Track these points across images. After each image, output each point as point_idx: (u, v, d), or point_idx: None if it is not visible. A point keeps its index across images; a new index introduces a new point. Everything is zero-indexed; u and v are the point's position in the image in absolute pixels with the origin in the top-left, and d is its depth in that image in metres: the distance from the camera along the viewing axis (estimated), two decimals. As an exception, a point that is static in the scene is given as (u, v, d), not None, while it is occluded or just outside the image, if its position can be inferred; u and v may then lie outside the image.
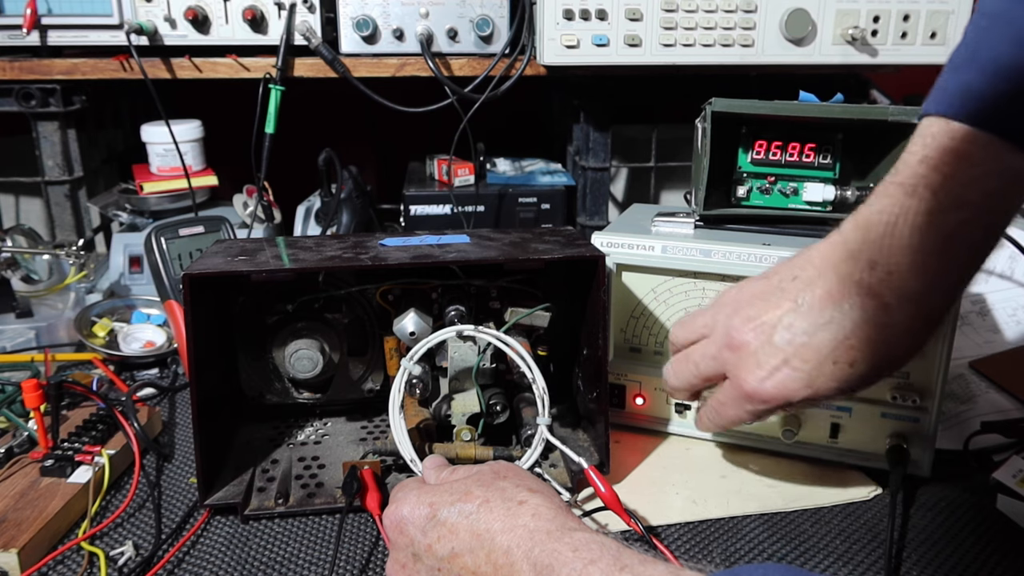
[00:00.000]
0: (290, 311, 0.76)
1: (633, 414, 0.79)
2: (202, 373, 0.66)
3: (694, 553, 0.62)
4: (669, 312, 0.76)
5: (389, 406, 0.67)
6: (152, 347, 0.94)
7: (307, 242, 0.75)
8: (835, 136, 0.76)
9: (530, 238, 0.75)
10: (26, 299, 1.01)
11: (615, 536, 0.53)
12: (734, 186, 0.78)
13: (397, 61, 1.09)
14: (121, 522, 0.65)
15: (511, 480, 0.54)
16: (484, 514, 0.50)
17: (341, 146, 1.13)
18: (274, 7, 1.07)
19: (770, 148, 0.77)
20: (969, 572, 0.59)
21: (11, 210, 1.40)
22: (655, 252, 0.74)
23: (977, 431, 0.75)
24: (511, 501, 0.51)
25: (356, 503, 0.65)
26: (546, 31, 1.01)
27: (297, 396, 0.80)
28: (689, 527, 0.65)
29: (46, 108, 1.10)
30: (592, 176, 1.16)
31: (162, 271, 0.90)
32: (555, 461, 0.72)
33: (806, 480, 0.71)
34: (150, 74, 1.05)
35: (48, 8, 1.04)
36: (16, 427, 0.73)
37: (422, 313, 0.71)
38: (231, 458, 0.72)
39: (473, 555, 0.49)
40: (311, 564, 0.61)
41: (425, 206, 1.13)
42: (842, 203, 0.78)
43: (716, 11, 1.00)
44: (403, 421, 0.67)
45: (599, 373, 0.69)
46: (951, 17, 1.02)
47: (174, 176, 1.15)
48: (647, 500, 0.68)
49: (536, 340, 0.74)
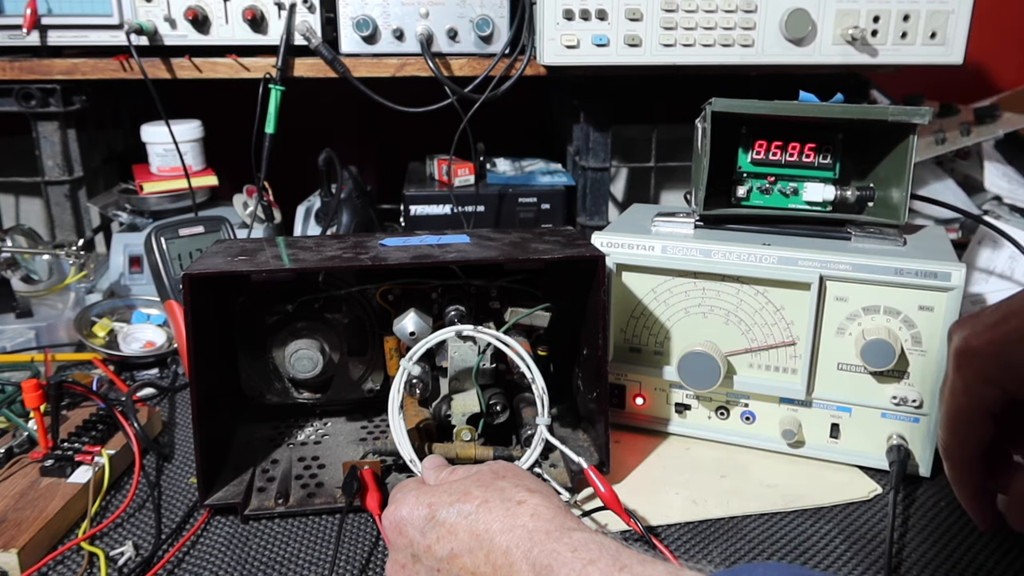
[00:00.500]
0: (290, 311, 0.76)
1: (633, 414, 0.80)
2: (202, 373, 0.66)
3: (694, 553, 0.62)
4: (669, 312, 0.76)
5: (389, 406, 0.67)
6: (152, 347, 0.94)
7: (307, 242, 0.75)
8: (835, 136, 0.76)
9: (530, 238, 0.75)
10: (26, 299, 1.01)
11: (615, 536, 0.53)
12: (734, 186, 0.78)
13: (397, 61, 1.09)
14: (121, 522, 0.65)
15: (510, 480, 0.54)
16: (483, 514, 0.50)
17: (341, 146, 1.13)
18: (274, 7, 1.07)
19: (770, 148, 0.77)
20: (969, 572, 0.59)
21: (11, 210, 1.40)
22: (655, 252, 0.74)
23: (977, 431, 0.75)
24: (510, 501, 0.51)
25: (356, 503, 0.65)
26: (546, 31, 1.01)
27: (297, 396, 0.80)
28: (689, 527, 0.65)
29: (46, 108, 1.10)
30: (592, 176, 1.16)
31: (162, 271, 0.90)
32: (555, 461, 0.72)
33: (806, 480, 0.71)
34: (150, 74, 1.05)
35: (48, 8, 1.04)
36: (16, 427, 0.73)
37: (422, 313, 0.71)
38: (231, 458, 0.72)
39: (472, 555, 0.49)
40: (311, 564, 0.61)
41: (425, 206, 1.13)
42: (842, 203, 0.78)
43: (716, 11, 1.00)
44: (403, 421, 0.67)
45: (599, 373, 0.69)
46: (951, 17, 1.02)
47: (174, 176, 1.15)
48: (647, 500, 0.68)
49: (536, 340, 0.74)
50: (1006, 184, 1.25)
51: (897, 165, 0.75)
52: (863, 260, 0.68)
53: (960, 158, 1.33)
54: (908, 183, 0.74)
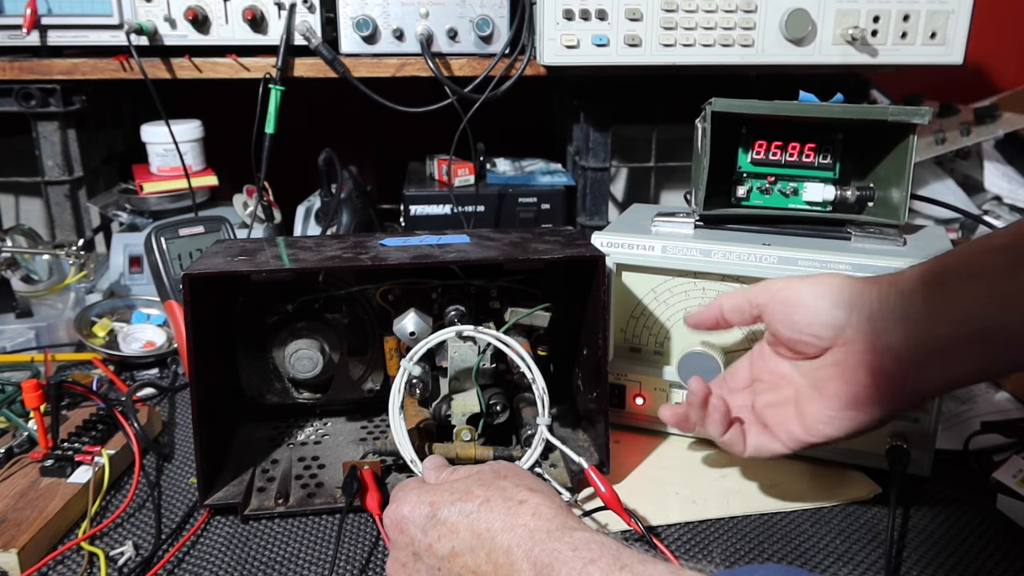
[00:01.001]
0: (290, 311, 0.76)
1: (633, 414, 0.79)
2: (202, 373, 0.66)
3: (694, 553, 0.62)
4: (669, 312, 0.76)
5: (389, 406, 0.67)
6: (152, 347, 0.94)
7: (307, 242, 0.75)
8: (835, 136, 0.76)
9: (530, 238, 0.75)
10: (26, 299, 1.01)
11: (615, 536, 0.53)
12: (734, 186, 0.78)
13: (397, 61, 1.09)
14: (121, 522, 0.65)
15: (511, 480, 0.54)
16: (484, 513, 0.50)
17: (341, 146, 1.13)
18: (274, 7, 1.07)
19: (770, 148, 0.77)
20: (969, 572, 0.59)
21: (11, 210, 1.40)
22: (655, 252, 0.74)
23: (977, 431, 0.75)
24: (511, 500, 0.51)
25: (356, 503, 0.65)
26: (546, 31, 1.01)
27: (297, 396, 0.80)
28: (689, 527, 0.65)
29: (46, 108, 1.10)
30: (592, 176, 1.16)
31: (162, 271, 0.90)
32: (555, 461, 0.72)
33: (806, 480, 0.71)
34: (150, 74, 1.05)
35: (48, 8, 1.04)
36: (16, 427, 0.73)
37: (422, 313, 0.71)
38: (231, 458, 0.72)
39: (473, 554, 0.49)
40: (311, 564, 0.61)
41: (425, 206, 1.13)
42: (842, 203, 0.78)
43: (716, 11, 1.00)
44: (403, 421, 0.67)
45: (599, 373, 0.69)
46: (951, 17, 1.02)
47: (174, 176, 1.15)
48: (647, 500, 0.68)
49: (536, 340, 0.74)
50: (1006, 184, 1.25)
51: (897, 165, 0.75)
52: (863, 260, 0.68)
53: (960, 158, 1.33)
54: (908, 183, 0.74)
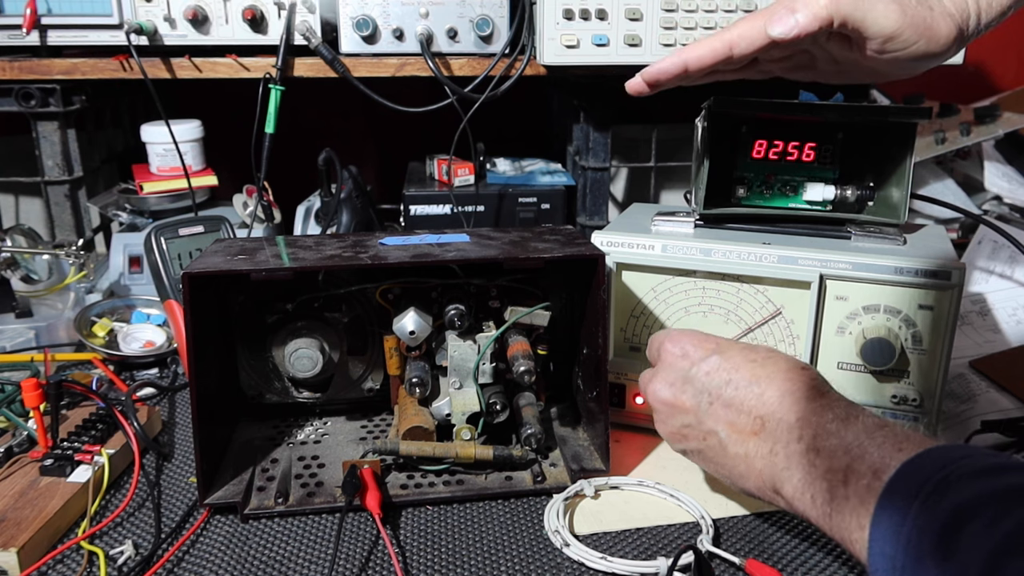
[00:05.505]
0: (290, 310, 0.76)
1: (633, 413, 0.79)
2: (202, 373, 0.66)
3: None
4: (669, 311, 0.76)
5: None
6: (152, 347, 0.94)
7: (307, 241, 0.75)
8: (835, 136, 0.76)
9: (530, 237, 0.75)
10: (26, 299, 1.01)
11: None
12: (734, 186, 0.78)
13: (397, 61, 1.09)
14: (121, 521, 0.65)
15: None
16: (768, 366, 0.56)
17: (341, 146, 1.13)
18: (274, 7, 1.07)
19: (770, 148, 0.77)
20: (969, 571, 0.59)
21: (11, 210, 1.40)
22: (655, 251, 0.74)
23: (977, 430, 0.75)
24: (795, 368, 0.56)
25: (356, 502, 0.65)
26: (546, 31, 1.01)
27: (297, 395, 0.80)
28: (689, 527, 0.65)
29: (46, 108, 1.10)
30: (592, 176, 1.16)
31: (162, 271, 0.90)
32: (555, 461, 0.72)
33: (806, 479, 0.71)
34: (150, 74, 1.05)
35: (48, 8, 1.04)
36: (16, 427, 0.73)
37: (422, 312, 0.71)
38: (231, 457, 0.72)
39: (747, 389, 0.54)
40: (311, 563, 0.60)
41: (425, 206, 1.14)
42: (842, 202, 0.78)
43: (716, 11, 1.00)
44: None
45: (599, 372, 0.69)
46: (951, 17, 1.01)
47: (174, 176, 1.15)
48: (647, 500, 0.68)
49: (536, 339, 0.74)
50: (1006, 184, 1.25)
51: (897, 165, 0.75)
52: (863, 259, 0.68)
53: (960, 158, 1.33)
54: (908, 183, 0.74)
